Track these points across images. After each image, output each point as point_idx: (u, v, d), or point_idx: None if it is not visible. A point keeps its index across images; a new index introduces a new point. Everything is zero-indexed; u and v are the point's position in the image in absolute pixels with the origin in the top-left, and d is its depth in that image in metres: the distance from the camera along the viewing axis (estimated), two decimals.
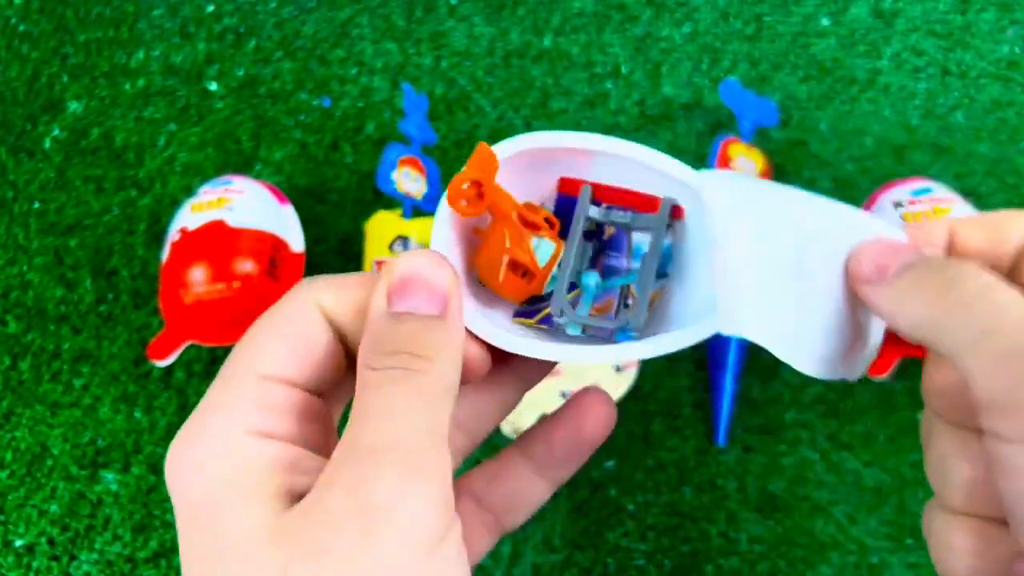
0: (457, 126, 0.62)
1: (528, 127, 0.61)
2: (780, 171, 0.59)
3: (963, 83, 0.61)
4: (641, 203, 0.28)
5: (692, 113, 0.62)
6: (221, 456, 0.21)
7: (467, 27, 0.65)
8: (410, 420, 0.20)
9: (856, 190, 0.58)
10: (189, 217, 0.53)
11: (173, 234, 0.53)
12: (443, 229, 0.28)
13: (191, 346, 0.55)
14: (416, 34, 0.66)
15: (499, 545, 0.49)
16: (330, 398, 0.25)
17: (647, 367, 0.53)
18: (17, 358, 0.56)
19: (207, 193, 0.54)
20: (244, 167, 0.61)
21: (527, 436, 0.28)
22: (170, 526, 0.51)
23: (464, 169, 0.29)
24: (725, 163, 0.54)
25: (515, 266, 0.28)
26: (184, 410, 0.54)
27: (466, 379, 0.24)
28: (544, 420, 0.28)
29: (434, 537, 0.19)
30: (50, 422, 0.54)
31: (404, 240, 0.54)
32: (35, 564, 0.50)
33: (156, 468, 0.52)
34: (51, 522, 0.51)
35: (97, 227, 0.60)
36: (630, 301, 0.28)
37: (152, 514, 0.51)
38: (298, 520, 0.19)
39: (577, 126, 0.61)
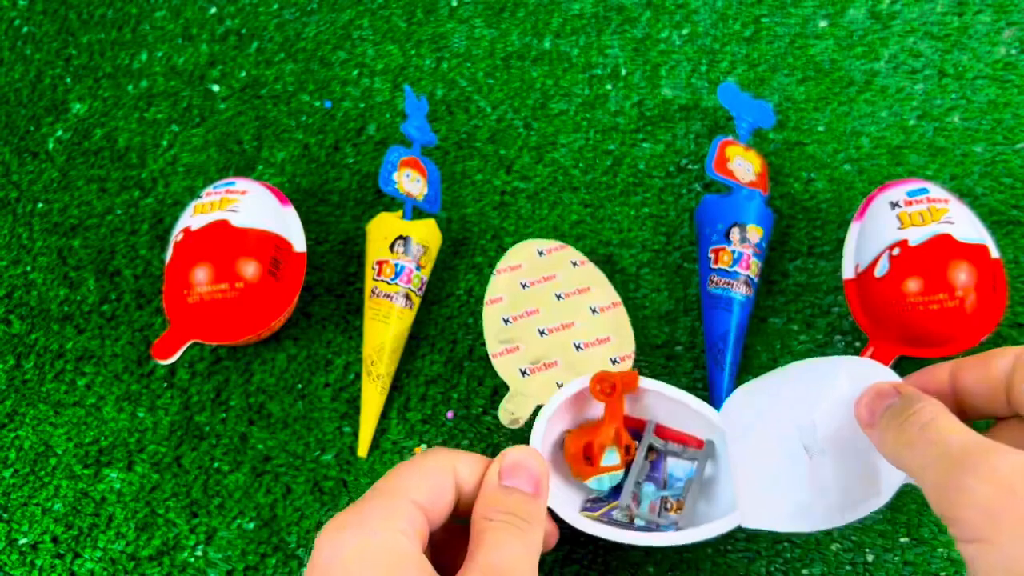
0: (457, 127, 0.62)
1: (528, 128, 0.62)
2: (777, 172, 0.59)
3: (959, 84, 0.61)
4: (686, 440, 0.46)
5: (690, 115, 0.62)
6: (380, 548, 0.29)
7: (467, 29, 0.66)
8: (518, 552, 0.32)
9: (853, 191, 0.58)
10: (192, 218, 0.53)
11: (176, 235, 0.53)
12: (541, 429, 0.43)
13: (194, 345, 0.55)
14: (417, 36, 0.66)
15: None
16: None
17: (643, 367, 0.54)
18: (21, 358, 0.56)
19: (210, 194, 0.54)
20: (246, 168, 0.62)
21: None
22: (173, 524, 0.51)
23: (616, 373, 0.44)
24: (723, 164, 0.55)
25: (588, 448, 0.43)
26: (187, 409, 0.54)
27: (546, 546, 0.37)
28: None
29: None
30: (54, 421, 0.54)
31: (405, 240, 0.54)
32: (39, 562, 0.51)
33: (159, 466, 0.53)
34: (55, 520, 0.52)
35: (100, 227, 0.60)
36: (668, 506, 0.45)
37: (155, 512, 0.51)
38: None
39: (577, 127, 0.61)
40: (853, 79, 0.62)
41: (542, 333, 0.51)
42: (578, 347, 0.51)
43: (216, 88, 0.65)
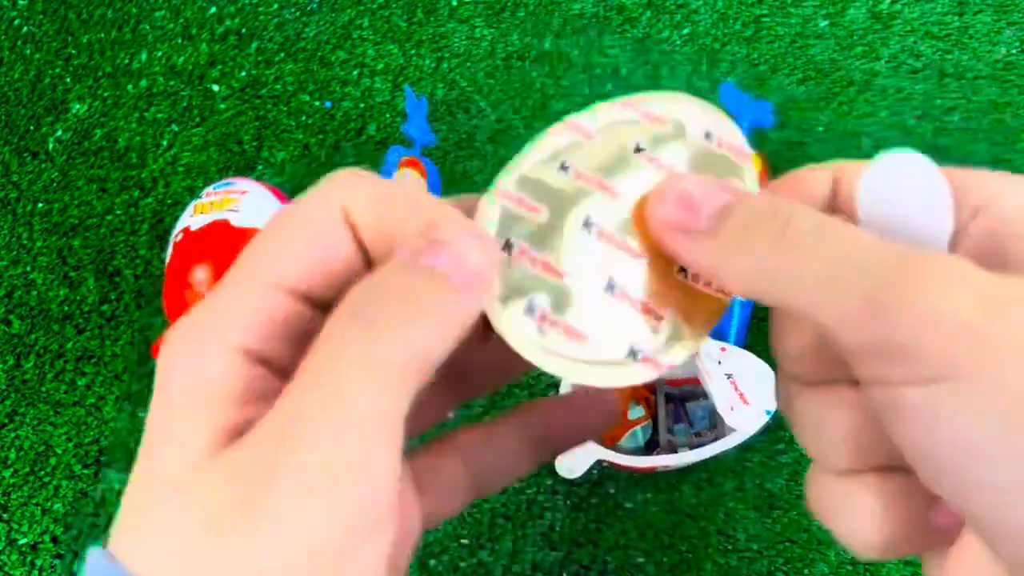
0: (458, 128, 0.62)
1: (528, 129, 0.62)
2: (777, 173, 0.59)
3: (960, 84, 0.61)
4: (694, 381, 0.50)
5: None
6: (196, 372, 0.19)
7: (468, 29, 0.66)
8: (351, 399, 0.17)
9: None
10: (192, 218, 0.53)
11: (176, 235, 0.53)
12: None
13: None
14: (417, 36, 0.66)
15: (499, 542, 0.50)
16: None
17: None
18: (21, 357, 0.56)
19: (210, 194, 0.54)
20: (246, 168, 0.62)
21: (527, 410, 0.26)
22: None
23: None
24: None
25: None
26: None
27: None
28: (548, 401, 0.27)
29: (328, 550, 0.17)
30: (54, 421, 0.54)
31: None
32: (39, 562, 0.51)
33: None
34: (55, 520, 0.52)
35: (100, 227, 0.60)
36: (702, 436, 0.51)
37: None
38: (215, 476, 0.18)
39: None
40: (853, 79, 0.62)
41: None
42: None
43: (216, 88, 0.65)
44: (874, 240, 0.18)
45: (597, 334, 0.21)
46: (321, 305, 0.20)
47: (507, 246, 0.22)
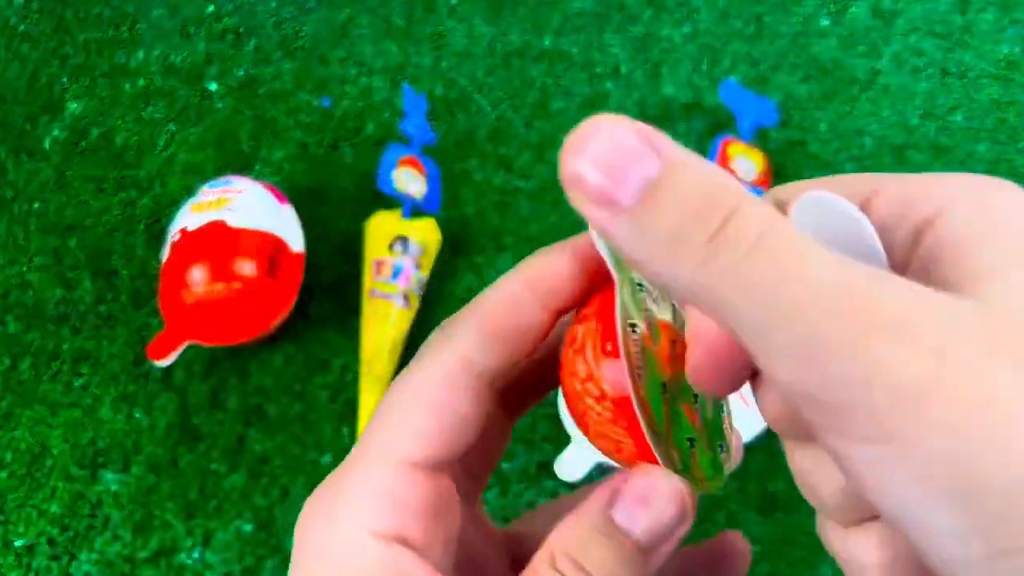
0: (457, 126, 0.62)
1: (528, 127, 0.61)
2: (779, 171, 0.59)
3: (963, 83, 0.61)
4: None
5: (692, 113, 0.62)
6: (342, 553, 0.18)
7: (467, 27, 0.65)
8: None
9: None
10: (189, 217, 0.53)
11: (173, 234, 0.53)
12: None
13: (191, 346, 0.55)
14: (416, 34, 0.66)
15: None
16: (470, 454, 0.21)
17: None
18: (17, 358, 0.56)
19: (207, 193, 0.54)
20: (244, 167, 0.61)
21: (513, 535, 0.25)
22: (170, 526, 0.51)
23: None
24: (724, 163, 0.54)
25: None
26: (184, 410, 0.54)
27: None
28: (683, 553, 0.25)
29: None
30: (50, 422, 0.54)
31: (404, 240, 0.54)
32: (35, 564, 0.50)
33: (156, 468, 0.52)
34: (51, 522, 0.51)
35: (97, 227, 0.60)
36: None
37: (152, 514, 0.51)
38: None
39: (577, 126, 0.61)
40: (856, 78, 0.62)
41: None
42: None
43: (213, 87, 0.64)
44: (825, 260, 0.15)
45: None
46: (445, 467, 0.20)
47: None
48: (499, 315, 0.20)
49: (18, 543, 0.51)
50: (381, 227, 0.54)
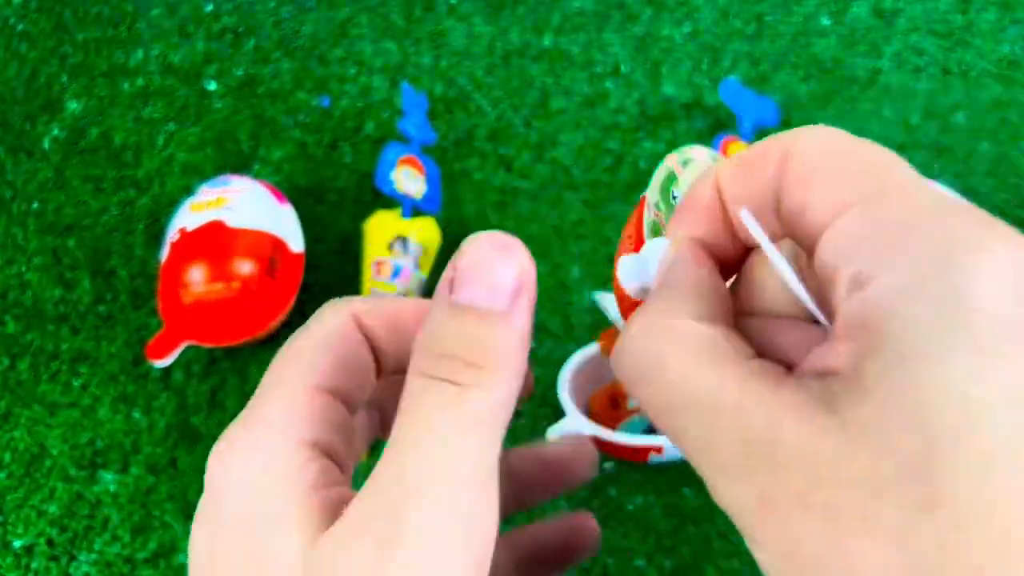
0: (457, 125, 0.62)
1: (528, 126, 0.61)
2: None
3: (964, 83, 0.61)
4: None
5: (692, 112, 0.61)
6: (271, 466, 0.19)
7: (467, 26, 0.65)
8: (451, 454, 0.18)
9: None
10: (188, 217, 0.53)
11: (172, 234, 0.53)
12: (566, 385, 0.35)
13: (190, 347, 0.54)
14: (415, 33, 0.66)
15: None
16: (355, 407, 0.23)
17: None
18: (16, 358, 0.56)
19: (206, 193, 0.54)
20: (243, 167, 0.61)
21: (516, 532, 0.27)
22: (169, 527, 0.50)
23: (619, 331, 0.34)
24: None
25: (612, 395, 0.40)
26: (183, 410, 0.54)
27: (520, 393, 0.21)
28: (533, 527, 0.27)
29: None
30: (49, 422, 0.54)
31: (403, 240, 0.54)
32: (34, 565, 0.50)
33: (155, 469, 0.52)
34: (50, 523, 0.51)
35: (96, 227, 0.60)
36: None
37: (151, 515, 0.51)
38: (327, 559, 0.18)
39: (577, 125, 0.61)
40: (856, 77, 0.62)
41: None
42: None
43: (212, 86, 0.64)
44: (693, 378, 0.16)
45: None
46: (346, 401, 0.22)
47: None
48: (387, 299, 0.23)
49: (17, 544, 0.51)
50: (380, 227, 0.54)
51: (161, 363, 0.51)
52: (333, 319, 0.22)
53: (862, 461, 0.14)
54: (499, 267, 0.19)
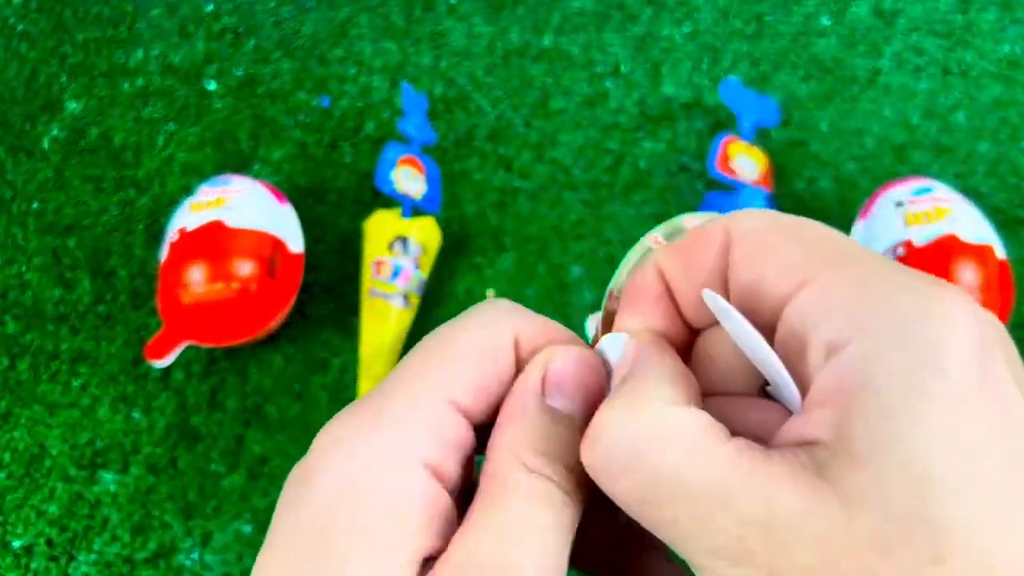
0: (457, 125, 0.62)
1: (528, 126, 0.61)
2: (781, 171, 0.59)
3: (964, 82, 0.61)
4: None
5: (692, 112, 0.61)
6: (383, 478, 0.17)
7: (466, 26, 0.65)
8: (541, 551, 0.17)
9: (857, 190, 0.58)
10: (188, 217, 0.53)
11: (172, 234, 0.53)
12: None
13: (190, 346, 0.54)
14: (415, 33, 0.65)
15: None
16: None
17: None
18: (15, 358, 0.56)
19: (206, 193, 0.54)
20: (243, 167, 0.61)
21: None
22: (168, 527, 0.50)
23: None
24: (725, 162, 0.54)
25: None
26: (183, 410, 0.53)
27: None
28: None
29: None
30: (48, 422, 0.54)
31: (403, 240, 0.53)
32: (33, 565, 0.50)
33: (155, 469, 0.52)
34: (49, 523, 0.51)
35: (95, 227, 0.60)
36: None
37: (151, 515, 0.51)
38: None
39: (577, 126, 0.61)
40: (857, 77, 0.62)
41: None
42: None
43: (212, 86, 0.64)
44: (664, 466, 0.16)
45: None
46: (473, 422, 0.19)
47: None
48: (551, 326, 0.20)
49: (16, 544, 0.51)
50: (380, 227, 0.54)
51: (161, 363, 0.51)
52: (496, 330, 0.20)
53: (865, 525, 0.14)
54: (586, 375, 0.20)
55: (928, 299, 0.16)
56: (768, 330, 0.18)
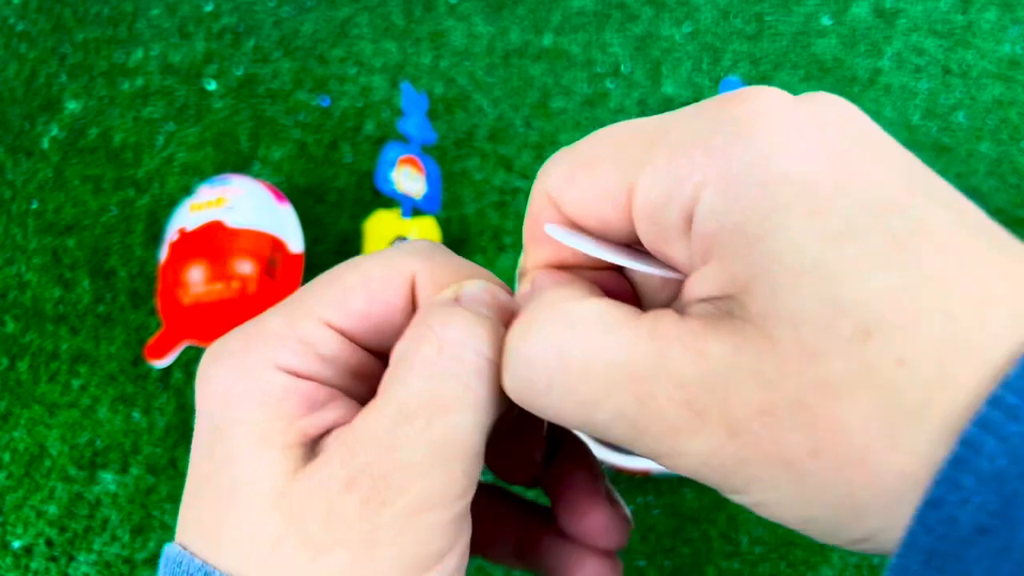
0: (457, 125, 0.62)
1: (528, 126, 0.61)
2: None
3: (964, 82, 0.61)
4: None
5: None
6: (246, 387, 0.19)
7: (467, 26, 0.65)
8: (446, 425, 0.18)
9: None
10: (188, 217, 0.53)
11: (171, 234, 0.53)
12: None
13: (190, 347, 0.54)
14: (415, 33, 0.65)
15: None
16: None
17: None
18: (15, 358, 0.56)
19: (206, 193, 0.54)
20: (243, 166, 0.61)
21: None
22: (168, 527, 0.50)
23: None
24: None
25: None
26: (183, 410, 0.53)
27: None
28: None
29: (429, 560, 0.18)
30: (48, 423, 0.54)
31: (403, 240, 0.53)
32: (33, 565, 0.50)
33: (155, 469, 0.52)
34: (49, 523, 0.51)
35: (95, 227, 0.60)
36: None
37: (151, 515, 0.51)
38: (303, 493, 0.18)
39: (577, 126, 0.61)
40: (857, 77, 0.62)
41: None
42: None
43: (212, 86, 0.64)
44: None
45: None
46: (368, 348, 0.21)
47: None
48: (453, 266, 0.21)
49: (16, 544, 0.51)
50: (380, 227, 0.54)
51: (160, 363, 0.51)
52: (385, 269, 0.21)
53: (790, 338, 0.14)
54: (507, 299, 0.20)
55: (739, 123, 0.16)
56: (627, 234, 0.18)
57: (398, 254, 0.21)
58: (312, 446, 0.19)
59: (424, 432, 0.17)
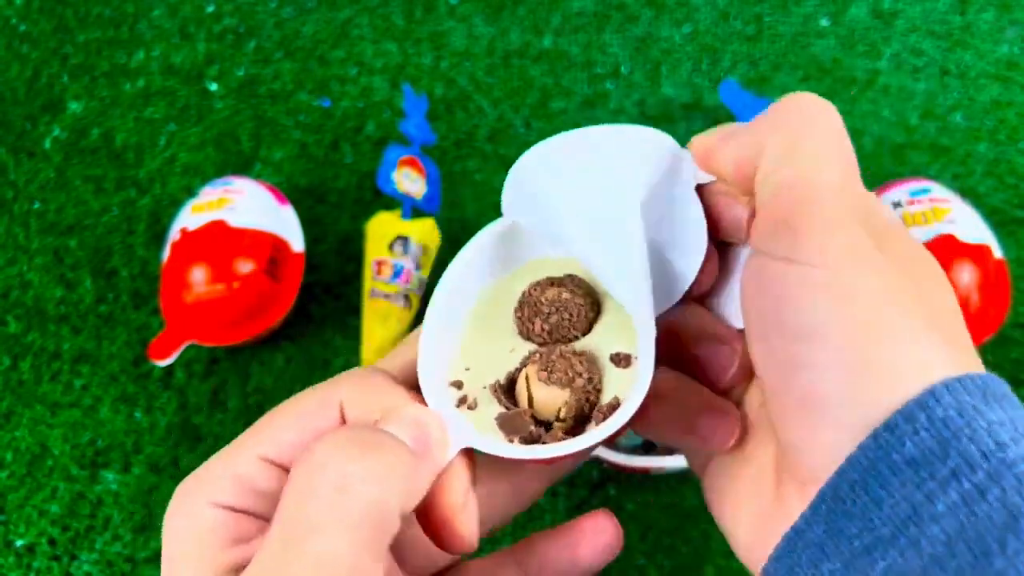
0: (457, 126, 0.62)
1: (528, 127, 0.61)
2: None
3: (962, 83, 0.61)
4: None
5: (692, 113, 0.62)
6: (185, 522, 0.22)
7: (467, 27, 0.65)
8: (322, 560, 0.20)
9: None
10: (189, 217, 0.53)
11: (174, 234, 0.53)
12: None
13: (191, 346, 0.55)
14: (416, 34, 0.66)
15: (499, 543, 0.49)
16: None
17: None
18: (17, 358, 0.56)
19: (207, 194, 0.54)
20: (244, 167, 0.61)
21: (524, 545, 0.27)
22: None
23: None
24: None
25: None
26: (184, 410, 0.54)
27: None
28: (541, 535, 0.27)
29: None
30: (50, 422, 0.54)
31: (404, 240, 0.54)
32: (35, 564, 0.50)
33: (156, 468, 0.52)
34: (51, 522, 0.51)
35: (97, 227, 0.60)
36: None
37: (153, 514, 0.51)
38: None
39: (576, 127, 0.61)
40: (855, 78, 0.62)
41: None
42: None
43: (213, 87, 0.64)
44: None
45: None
46: None
47: None
48: (378, 386, 0.24)
49: (18, 543, 0.51)
50: (381, 227, 0.54)
51: (162, 363, 0.52)
52: (316, 401, 0.24)
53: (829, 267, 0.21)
54: (430, 424, 0.24)
55: (791, 130, 0.22)
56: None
57: (332, 385, 0.24)
58: (239, 572, 0.21)
59: (305, 555, 0.19)
